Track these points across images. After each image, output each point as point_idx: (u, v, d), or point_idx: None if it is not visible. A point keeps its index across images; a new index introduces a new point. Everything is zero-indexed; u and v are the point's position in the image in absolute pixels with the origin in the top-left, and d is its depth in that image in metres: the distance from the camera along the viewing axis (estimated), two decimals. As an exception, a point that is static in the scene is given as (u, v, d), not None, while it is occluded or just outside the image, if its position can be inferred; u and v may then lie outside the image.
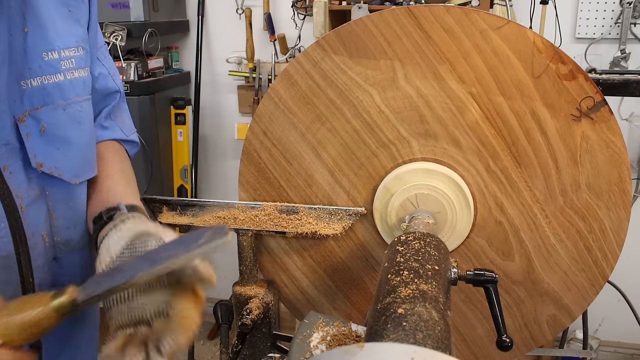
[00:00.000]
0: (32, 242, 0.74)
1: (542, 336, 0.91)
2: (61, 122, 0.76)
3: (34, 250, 0.75)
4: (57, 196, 0.78)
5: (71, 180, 0.79)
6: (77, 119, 0.78)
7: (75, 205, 0.82)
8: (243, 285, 0.90)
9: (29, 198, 0.74)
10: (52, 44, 0.74)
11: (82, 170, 0.81)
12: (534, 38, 0.77)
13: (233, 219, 0.89)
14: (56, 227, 0.79)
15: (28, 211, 0.73)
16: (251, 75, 2.60)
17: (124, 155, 0.94)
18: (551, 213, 0.83)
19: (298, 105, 0.85)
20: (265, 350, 0.87)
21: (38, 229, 0.76)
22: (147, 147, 2.45)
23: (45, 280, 0.78)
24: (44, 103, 0.74)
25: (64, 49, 0.75)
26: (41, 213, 0.76)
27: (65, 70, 0.75)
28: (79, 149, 0.79)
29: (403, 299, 0.53)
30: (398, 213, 0.83)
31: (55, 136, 0.75)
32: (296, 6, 2.45)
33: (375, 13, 0.80)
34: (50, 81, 0.74)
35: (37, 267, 0.76)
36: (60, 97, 0.75)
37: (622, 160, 0.80)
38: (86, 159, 0.82)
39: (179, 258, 0.58)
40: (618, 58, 2.21)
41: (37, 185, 0.75)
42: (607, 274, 0.86)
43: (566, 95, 0.78)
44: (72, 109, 0.77)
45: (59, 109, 0.75)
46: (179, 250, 0.59)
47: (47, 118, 0.74)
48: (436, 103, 0.81)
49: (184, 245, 0.59)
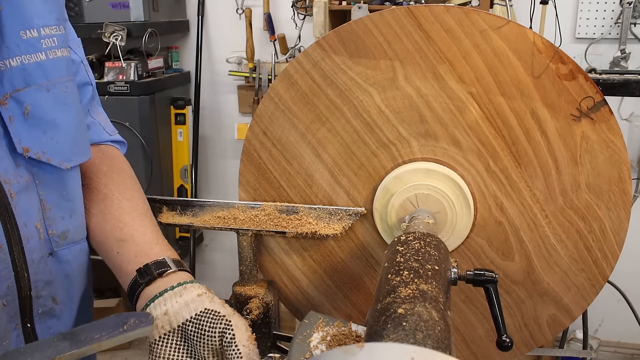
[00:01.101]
0: (25, 232, 0.71)
1: (542, 336, 0.91)
2: (46, 104, 0.72)
3: (29, 242, 0.72)
4: (48, 184, 0.75)
5: (61, 166, 0.75)
6: (63, 100, 0.74)
7: (68, 193, 0.78)
8: (243, 285, 0.90)
9: (18, 185, 0.70)
10: (30, 22, 0.70)
11: (72, 154, 0.77)
12: (534, 38, 0.77)
13: (233, 219, 0.89)
14: (50, 219, 0.75)
15: (18, 198, 0.70)
16: (251, 75, 2.60)
17: (127, 168, 0.90)
18: (551, 213, 0.83)
19: (298, 105, 0.85)
20: (265, 350, 0.87)
21: (31, 219, 0.72)
22: (147, 147, 2.45)
23: (42, 277, 0.75)
24: (26, 84, 0.70)
25: (44, 27, 0.71)
26: (33, 202, 0.73)
27: (46, 49, 0.72)
28: (66, 132, 0.75)
29: (403, 299, 0.53)
30: (398, 213, 0.83)
31: (40, 119, 0.72)
32: (296, 6, 2.46)
33: (375, 13, 0.80)
34: (30, 61, 0.70)
35: (32, 262, 0.73)
36: (43, 78, 0.71)
37: (622, 160, 0.80)
38: (75, 142, 0.78)
39: (102, 342, 0.58)
40: (618, 58, 2.22)
41: (27, 172, 0.72)
42: (607, 274, 0.86)
43: (566, 95, 0.78)
44: (57, 90, 0.73)
45: (42, 90, 0.71)
46: (101, 334, 0.59)
47: (30, 100, 0.70)
48: (436, 103, 0.81)
49: (108, 329, 0.60)
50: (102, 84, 2.37)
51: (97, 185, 0.84)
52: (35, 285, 0.74)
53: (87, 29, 2.32)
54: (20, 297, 0.73)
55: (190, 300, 0.70)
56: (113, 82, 2.38)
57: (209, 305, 0.70)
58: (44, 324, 0.78)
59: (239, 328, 0.68)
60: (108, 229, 0.81)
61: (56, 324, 0.80)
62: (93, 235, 0.83)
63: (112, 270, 0.80)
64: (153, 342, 0.70)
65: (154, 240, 0.79)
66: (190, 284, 0.73)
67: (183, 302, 0.70)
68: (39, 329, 0.77)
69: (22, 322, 0.74)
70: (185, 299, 0.70)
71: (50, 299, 0.78)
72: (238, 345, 0.67)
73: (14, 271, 0.71)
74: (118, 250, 0.79)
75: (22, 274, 0.72)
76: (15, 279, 0.71)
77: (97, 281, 0.94)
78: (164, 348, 0.70)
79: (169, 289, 0.72)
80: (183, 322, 0.69)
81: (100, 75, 2.43)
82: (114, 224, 0.81)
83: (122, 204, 0.83)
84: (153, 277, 0.73)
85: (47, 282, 0.76)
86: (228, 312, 0.70)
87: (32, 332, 0.76)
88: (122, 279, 0.78)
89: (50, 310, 0.78)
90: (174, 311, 0.70)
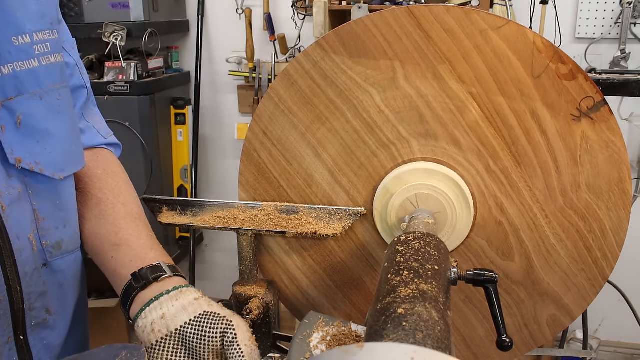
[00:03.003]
0: (17, 245, 0.69)
1: (542, 336, 0.91)
2: (39, 113, 0.70)
3: (21, 254, 0.70)
4: (42, 195, 0.73)
5: (54, 176, 0.73)
6: (56, 109, 0.72)
7: (62, 203, 0.76)
8: (243, 285, 0.90)
9: (10, 197, 0.68)
10: (22, 28, 0.67)
11: (66, 164, 0.75)
12: (534, 38, 0.77)
13: (233, 219, 0.89)
14: (43, 230, 0.74)
15: (10, 211, 0.68)
16: (251, 75, 2.60)
17: (121, 172, 0.88)
18: (551, 213, 0.83)
19: (298, 105, 0.85)
20: (265, 350, 0.87)
21: (23, 231, 0.71)
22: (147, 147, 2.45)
23: (35, 289, 0.73)
24: (18, 92, 0.67)
25: (37, 32, 0.69)
26: (26, 213, 0.71)
27: (39, 55, 0.69)
28: (60, 141, 0.73)
29: (403, 299, 0.53)
30: (398, 213, 0.83)
31: (33, 128, 0.69)
32: (296, 6, 2.46)
33: (375, 13, 0.80)
34: (23, 68, 0.67)
35: (24, 274, 0.71)
36: (35, 85, 0.69)
37: (622, 160, 0.80)
38: (69, 152, 0.76)
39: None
40: (618, 58, 2.22)
41: (19, 183, 0.70)
42: (607, 274, 0.86)
43: (566, 95, 0.78)
44: (50, 98, 0.71)
45: (35, 98, 0.69)
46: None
47: (22, 109, 0.68)
48: (436, 103, 0.81)
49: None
50: (102, 84, 2.37)
51: (92, 189, 0.83)
52: (29, 297, 0.73)
53: (87, 29, 2.32)
54: (12, 310, 0.71)
55: (187, 304, 0.70)
56: (113, 82, 2.38)
57: (207, 308, 0.70)
58: (37, 335, 0.76)
59: (240, 328, 0.68)
60: (102, 234, 0.80)
61: (50, 335, 0.78)
62: (87, 240, 0.82)
63: (106, 274, 0.79)
64: (150, 347, 0.69)
65: (149, 245, 0.79)
66: (186, 288, 0.73)
67: (180, 306, 0.70)
68: (32, 340, 0.75)
69: (14, 335, 0.72)
70: (182, 303, 0.70)
71: (44, 310, 0.76)
72: (240, 345, 0.66)
73: (6, 285, 0.69)
74: (113, 254, 0.78)
75: (15, 287, 0.70)
76: (7, 292, 0.69)
77: (97, 281, 0.93)
78: (161, 352, 0.69)
79: (164, 293, 0.71)
80: (181, 325, 0.69)
81: (100, 75, 2.43)
82: (108, 228, 0.80)
83: (117, 208, 0.82)
84: (148, 281, 0.72)
85: (41, 294, 0.75)
86: (228, 313, 0.70)
87: (25, 345, 0.74)
88: (116, 284, 0.77)
89: (44, 321, 0.77)
90: (171, 315, 0.69)
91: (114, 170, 0.88)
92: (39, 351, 0.77)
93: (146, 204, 0.93)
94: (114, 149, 0.93)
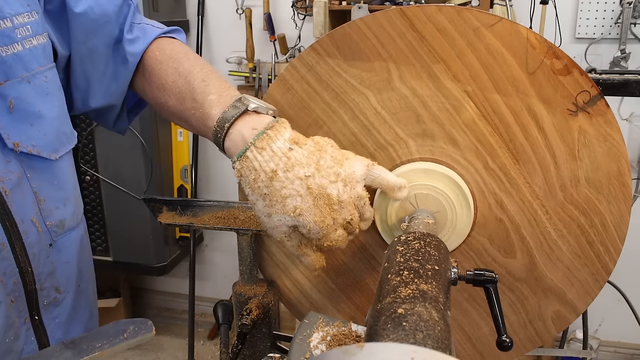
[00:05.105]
0: (23, 228, 0.72)
1: (547, 332, 0.91)
2: (29, 96, 0.71)
3: (28, 236, 0.73)
4: (40, 177, 0.75)
5: (51, 157, 0.75)
6: (45, 91, 0.74)
7: (60, 183, 0.78)
8: (243, 285, 0.90)
9: (11, 181, 0.70)
10: (2, 12, 0.68)
11: (59, 144, 0.77)
12: (527, 34, 0.77)
13: (233, 219, 0.89)
14: (45, 211, 0.76)
15: (12, 195, 0.70)
16: (251, 75, 2.60)
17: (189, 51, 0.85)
18: (551, 209, 0.83)
19: (295, 110, 0.86)
20: (265, 350, 0.87)
21: (27, 214, 0.73)
22: (147, 147, 2.45)
23: (44, 269, 0.76)
24: (6, 77, 0.69)
25: (16, 16, 0.69)
26: (27, 197, 0.73)
27: (22, 39, 0.70)
28: (52, 122, 0.75)
29: (403, 299, 0.53)
30: (398, 213, 0.83)
31: (25, 112, 0.71)
32: (296, 6, 2.46)
33: (368, 15, 0.80)
34: (7, 53, 0.69)
35: (33, 256, 0.73)
36: (22, 69, 0.70)
37: (620, 153, 0.80)
38: (61, 132, 0.78)
39: (104, 351, 0.59)
40: (618, 58, 2.21)
41: (17, 167, 0.72)
42: (610, 268, 0.85)
43: (562, 90, 0.78)
44: (38, 81, 0.73)
45: (23, 82, 0.71)
46: (103, 342, 0.60)
47: (13, 93, 0.69)
48: (432, 103, 0.81)
49: (109, 337, 0.61)
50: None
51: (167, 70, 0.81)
52: (39, 277, 0.76)
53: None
54: (26, 291, 0.74)
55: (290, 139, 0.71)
56: (113, 85, 2.38)
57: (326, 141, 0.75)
58: (50, 314, 0.80)
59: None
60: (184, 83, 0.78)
61: (61, 313, 0.82)
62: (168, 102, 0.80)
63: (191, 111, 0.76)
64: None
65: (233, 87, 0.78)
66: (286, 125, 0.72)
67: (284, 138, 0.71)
68: (45, 320, 0.79)
69: (30, 316, 0.76)
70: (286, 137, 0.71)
71: (54, 289, 0.79)
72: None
73: (18, 267, 0.72)
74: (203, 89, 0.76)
75: (26, 268, 0.73)
76: (19, 274, 0.72)
77: (97, 281, 0.95)
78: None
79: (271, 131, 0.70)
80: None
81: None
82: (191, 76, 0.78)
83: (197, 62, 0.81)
84: (242, 111, 0.71)
85: (50, 273, 0.78)
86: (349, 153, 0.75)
87: (40, 324, 0.78)
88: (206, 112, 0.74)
89: (54, 300, 0.80)
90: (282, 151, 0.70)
91: (185, 51, 0.86)
92: (52, 329, 0.80)
93: (146, 204, 0.94)
94: (176, 34, 0.91)
